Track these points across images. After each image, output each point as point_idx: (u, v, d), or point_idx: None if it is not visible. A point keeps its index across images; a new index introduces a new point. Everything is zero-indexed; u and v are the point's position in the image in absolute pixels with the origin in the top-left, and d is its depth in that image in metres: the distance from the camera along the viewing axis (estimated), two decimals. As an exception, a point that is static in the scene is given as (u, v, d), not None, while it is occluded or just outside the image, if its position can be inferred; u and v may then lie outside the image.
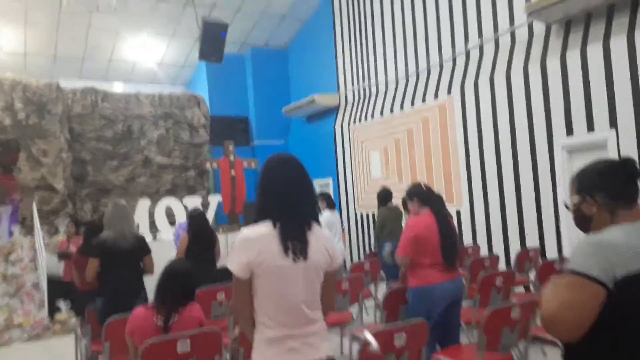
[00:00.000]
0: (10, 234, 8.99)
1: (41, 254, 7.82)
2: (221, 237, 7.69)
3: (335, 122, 11.31)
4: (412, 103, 9.08)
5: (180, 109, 11.38)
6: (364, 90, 10.54)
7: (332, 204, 7.38)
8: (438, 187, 7.94)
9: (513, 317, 3.33)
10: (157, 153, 11.03)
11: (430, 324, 3.21)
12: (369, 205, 10.13)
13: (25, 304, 7.32)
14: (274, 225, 1.93)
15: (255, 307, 1.92)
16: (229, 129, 12.39)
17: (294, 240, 1.92)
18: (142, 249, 4.43)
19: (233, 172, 11.42)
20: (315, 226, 2.02)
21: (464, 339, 4.35)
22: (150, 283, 3.58)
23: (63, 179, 9.44)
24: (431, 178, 8.57)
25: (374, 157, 10.15)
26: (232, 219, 11.53)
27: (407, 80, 9.37)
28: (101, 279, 4.25)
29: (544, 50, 6.80)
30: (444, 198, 5.30)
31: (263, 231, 1.93)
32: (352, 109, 10.89)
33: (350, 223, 10.81)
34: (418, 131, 8.95)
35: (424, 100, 8.82)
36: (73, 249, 7.82)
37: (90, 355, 4.55)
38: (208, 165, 11.18)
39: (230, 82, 13.06)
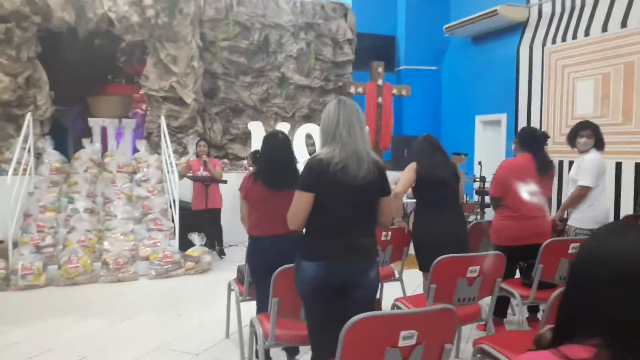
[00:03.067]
0: (135, 150, 7.80)
1: (171, 175, 6.48)
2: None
3: (520, 42, 8.76)
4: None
5: (325, 20, 9.44)
6: (569, 1, 7.85)
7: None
8: None
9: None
10: (295, 71, 9.29)
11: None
12: (566, 151, 7.69)
13: (152, 232, 6.05)
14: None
15: None
16: (372, 50, 10.27)
17: None
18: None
19: (380, 99, 9.46)
20: None
21: None
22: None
23: (194, 91, 8.01)
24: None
25: (582, 88, 7.59)
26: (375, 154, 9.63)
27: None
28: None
29: None
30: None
31: None
32: (547, 26, 8.26)
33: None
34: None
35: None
36: (205, 173, 6.40)
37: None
38: (352, 89, 9.28)
39: (379, -8, 10.85)
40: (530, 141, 3.79)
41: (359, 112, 2.28)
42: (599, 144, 4.24)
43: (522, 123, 8.70)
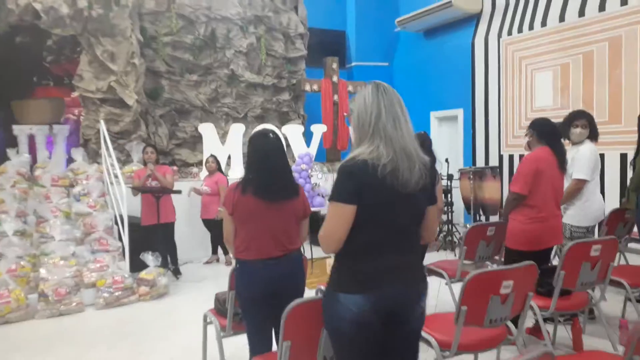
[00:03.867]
0: (70, 160, 6.92)
1: (116, 186, 5.72)
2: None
3: (474, 34, 8.65)
4: (603, 7, 6.39)
5: (275, 13, 8.89)
6: (526, -11, 7.79)
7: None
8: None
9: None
10: (245, 68, 8.68)
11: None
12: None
13: (98, 254, 5.29)
14: None
15: None
16: (322, 46, 9.84)
17: None
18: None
19: (336, 97, 9.07)
20: None
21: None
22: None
23: (135, 92, 7.21)
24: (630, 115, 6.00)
25: (540, 80, 7.54)
26: (332, 155, 9.28)
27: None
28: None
29: None
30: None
31: None
32: (502, 17, 8.18)
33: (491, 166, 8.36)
34: (617, 45, 6.28)
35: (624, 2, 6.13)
36: (154, 183, 5.72)
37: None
38: (307, 86, 8.82)
39: (327, -14, 10.43)
40: (550, 133, 3.47)
41: (401, 100, 1.82)
42: (593, 135, 4.03)
43: (479, 118, 8.60)
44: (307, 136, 8.38)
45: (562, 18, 7.15)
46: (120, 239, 5.64)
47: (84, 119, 7.32)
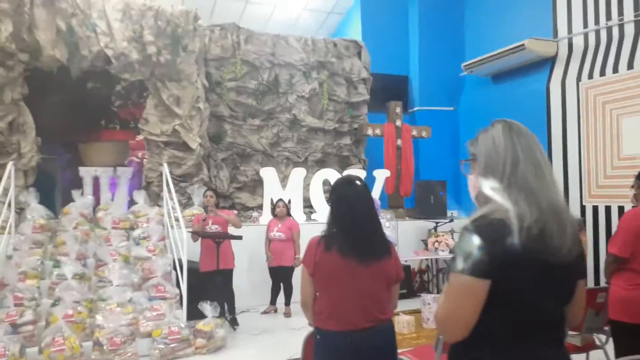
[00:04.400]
0: (131, 202, 6.87)
1: (177, 229, 5.54)
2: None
3: (549, 78, 8.16)
4: None
5: (338, 58, 8.81)
6: (605, 32, 7.30)
7: None
8: None
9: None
10: (307, 113, 8.55)
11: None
12: (613, 195, 6.95)
13: (154, 302, 5.04)
14: None
15: None
16: (384, 91, 9.62)
17: None
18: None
19: (399, 142, 8.73)
20: None
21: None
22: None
23: (199, 135, 7.18)
24: None
25: (628, 126, 6.91)
26: (395, 201, 8.84)
27: None
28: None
29: None
30: None
31: None
32: (581, 60, 7.69)
33: (572, 220, 7.64)
34: None
35: None
36: (215, 227, 5.50)
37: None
38: (370, 131, 8.56)
39: (389, 31, 10.30)
40: None
41: (540, 144, 1.43)
42: None
43: (557, 166, 7.97)
44: (369, 181, 8.04)
45: (653, 59, 6.59)
46: (178, 285, 5.39)
47: (147, 161, 7.32)
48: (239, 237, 5.47)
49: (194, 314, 5.02)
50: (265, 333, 5.47)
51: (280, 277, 6.20)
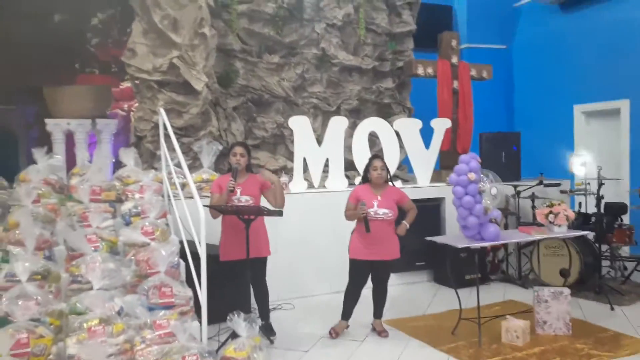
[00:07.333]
0: (118, 164, 5.01)
1: (184, 201, 3.79)
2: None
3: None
4: None
5: (376, -24, 6.88)
6: None
7: None
8: None
9: None
10: (339, 47, 6.69)
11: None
12: None
13: (156, 312, 3.31)
14: None
15: None
16: (423, 25, 7.72)
17: None
18: None
19: (456, 84, 6.94)
20: None
21: None
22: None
23: (205, 73, 5.31)
24: None
25: None
26: (449, 160, 7.08)
27: None
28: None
29: None
30: None
31: None
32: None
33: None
34: None
35: None
36: (242, 199, 3.79)
37: None
38: (420, 69, 6.75)
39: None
40: None
41: None
42: None
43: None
44: (425, 134, 6.31)
45: None
46: (189, 283, 3.68)
47: (137, 108, 5.47)
48: (279, 213, 3.73)
49: (214, 318, 3.36)
50: (314, 349, 3.82)
51: (379, 273, 4.13)
